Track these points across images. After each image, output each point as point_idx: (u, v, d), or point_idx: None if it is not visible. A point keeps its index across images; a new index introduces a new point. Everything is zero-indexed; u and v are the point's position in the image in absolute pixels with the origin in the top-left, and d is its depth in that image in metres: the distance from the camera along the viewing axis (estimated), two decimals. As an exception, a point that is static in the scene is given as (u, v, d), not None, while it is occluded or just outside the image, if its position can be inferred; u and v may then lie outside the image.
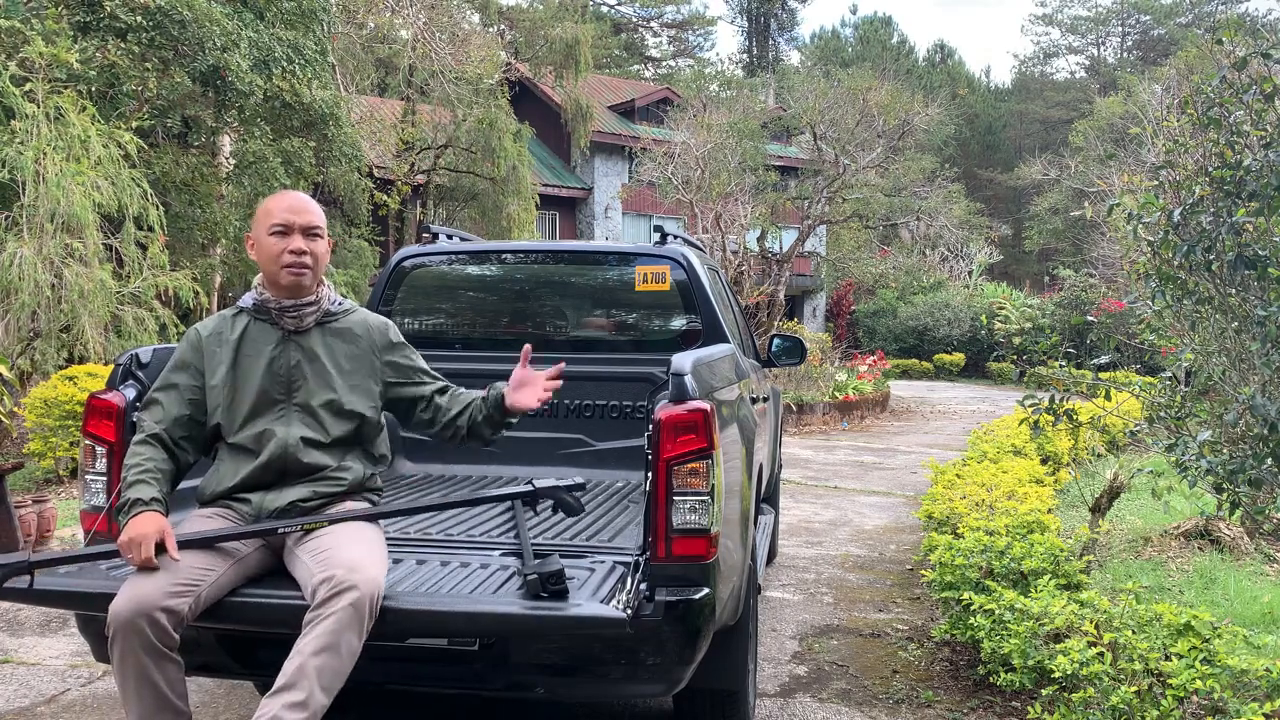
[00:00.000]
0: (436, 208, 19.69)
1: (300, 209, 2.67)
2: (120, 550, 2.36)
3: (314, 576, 2.30)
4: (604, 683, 2.59)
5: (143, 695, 2.26)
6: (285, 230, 2.63)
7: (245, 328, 2.70)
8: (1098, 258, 23.22)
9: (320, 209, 2.74)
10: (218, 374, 2.65)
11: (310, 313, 2.69)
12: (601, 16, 40.97)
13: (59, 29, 8.93)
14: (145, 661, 2.25)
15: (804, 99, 19.59)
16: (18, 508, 5.52)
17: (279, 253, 2.62)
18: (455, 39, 19.41)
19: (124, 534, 2.36)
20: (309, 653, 2.20)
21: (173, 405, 2.62)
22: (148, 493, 2.43)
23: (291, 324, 2.68)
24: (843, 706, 3.67)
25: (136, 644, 2.23)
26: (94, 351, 7.99)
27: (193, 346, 2.69)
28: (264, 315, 2.70)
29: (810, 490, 8.75)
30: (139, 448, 2.55)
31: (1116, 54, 51.27)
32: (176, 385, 2.65)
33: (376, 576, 2.30)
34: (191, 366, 2.67)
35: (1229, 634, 3.01)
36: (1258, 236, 4.09)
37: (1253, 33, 4.70)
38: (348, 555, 2.33)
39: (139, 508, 2.39)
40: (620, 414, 4.08)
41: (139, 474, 2.47)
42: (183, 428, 2.62)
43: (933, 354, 26.93)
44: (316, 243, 2.67)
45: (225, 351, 2.67)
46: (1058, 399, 4.59)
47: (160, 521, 2.38)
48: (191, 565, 2.35)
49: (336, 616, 2.21)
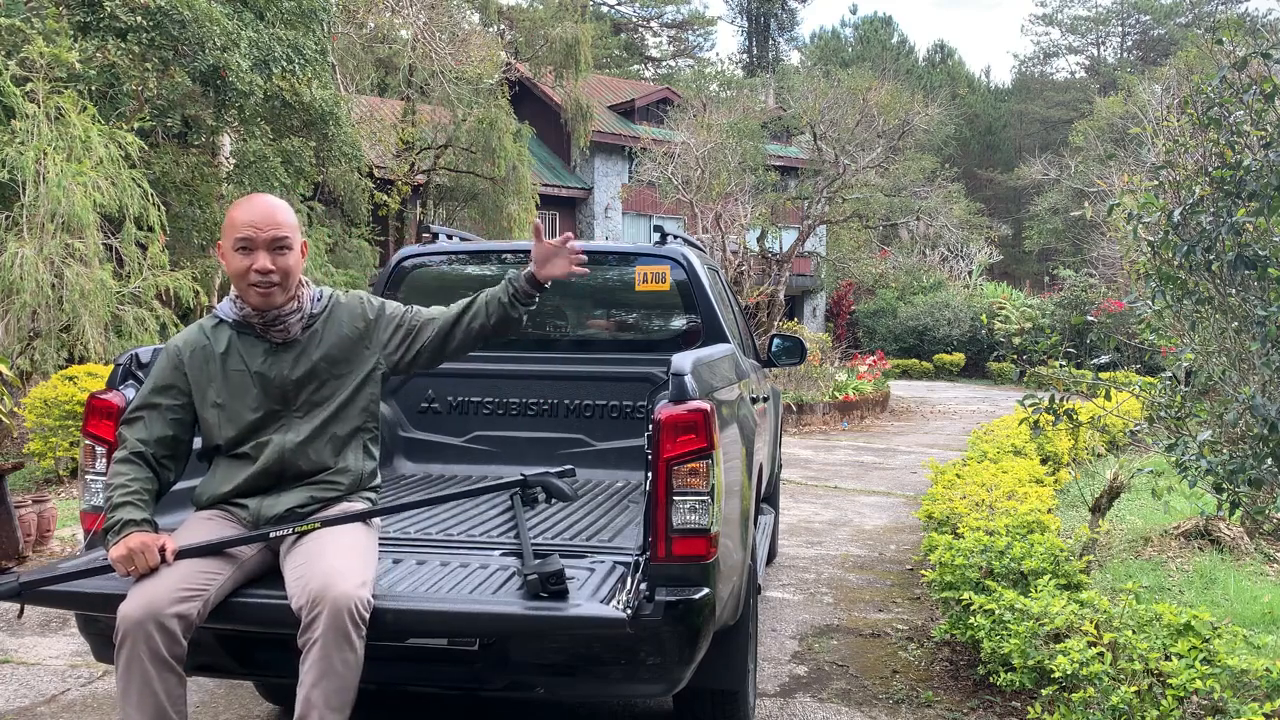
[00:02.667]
0: (436, 208, 19.68)
1: (264, 222, 2.50)
2: (114, 565, 2.34)
3: (292, 600, 2.30)
4: (604, 683, 2.59)
5: (143, 706, 2.25)
6: (249, 246, 2.50)
7: (230, 342, 2.61)
8: (1098, 258, 23.22)
9: (290, 215, 2.58)
10: (208, 395, 2.58)
11: (296, 321, 2.61)
12: (601, 16, 40.97)
13: (59, 29, 8.94)
14: (150, 671, 2.24)
15: (804, 99, 19.60)
16: (18, 508, 5.52)
17: (245, 270, 2.50)
18: (455, 39, 19.41)
19: (118, 549, 2.34)
20: (309, 684, 2.22)
21: (155, 425, 2.55)
22: (138, 514, 2.41)
23: (279, 336, 2.60)
24: (843, 706, 3.67)
25: (144, 651, 2.23)
26: (94, 351, 7.99)
27: (174, 366, 2.59)
28: (248, 330, 2.61)
29: (810, 490, 8.75)
30: (122, 466, 2.50)
31: (1116, 54, 51.27)
32: (158, 405, 2.56)
33: (348, 589, 2.25)
34: (174, 388, 2.58)
35: (1229, 634, 3.01)
36: (1258, 236, 4.09)
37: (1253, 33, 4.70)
38: (322, 569, 2.30)
39: (130, 528, 2.37)
40: (620, 414, 4.08)
41: (125, 495, 2.44)
42: (166, 447, 2.56)
43: (933, 354, 26.92)
44: (284, 256, 2.52)
45: (213, 369, 2.58)
46: (1058, 399, 4.58)
47: (158, 535, 2.39)
48: (198, 570, 2.35)
49: (321, 640, 2.22)
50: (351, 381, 2.67)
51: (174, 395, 2.59)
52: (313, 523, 2.48)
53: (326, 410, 2.63)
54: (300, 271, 2.62)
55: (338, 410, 2.65)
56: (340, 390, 2.65)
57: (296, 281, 2.61)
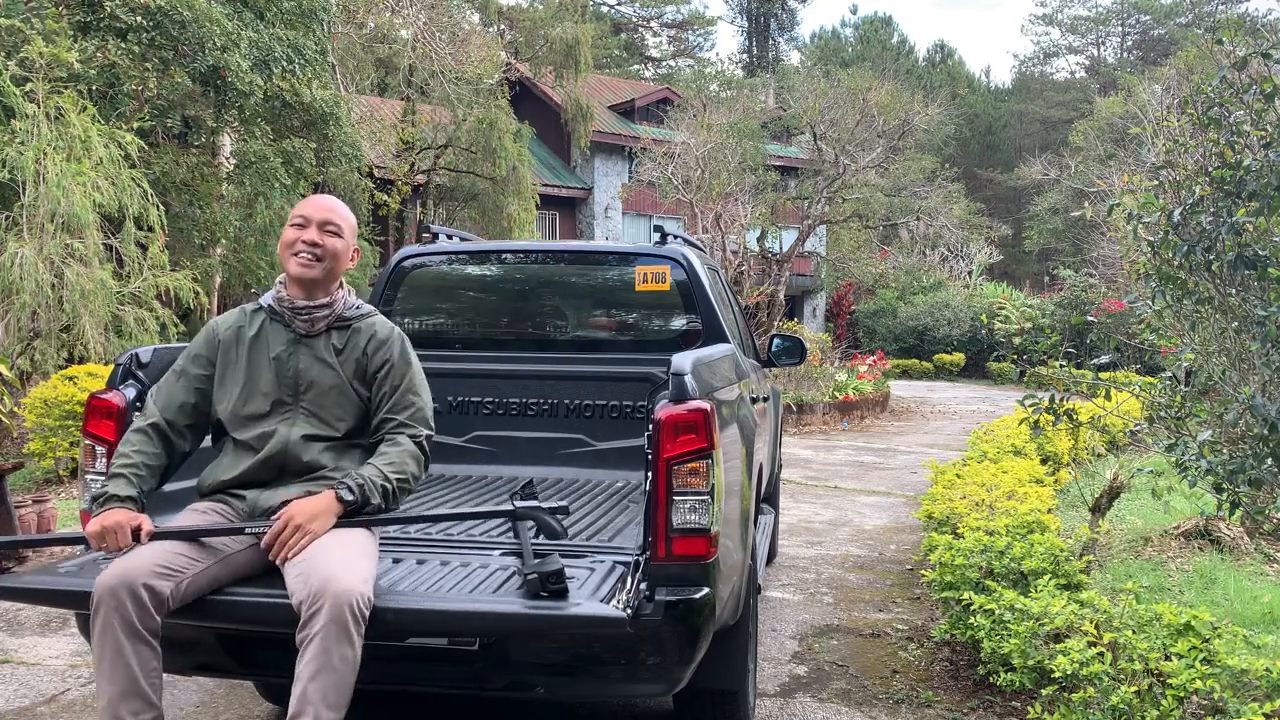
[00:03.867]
0: (436, 208, 19.69)
1: (324, 207, 2.70)
2: (89, 540, 2.39)
3: (293, 596, 2.31)
4: (604, 682, 2.59)
5: (115, 676, 2.26)
6: (303, 224, 2.67)
7: (261, 326, 2.72)
8: (1098, 258, 23.22)
9: (350, 217, 2.76)
10: (229, 372, 2.68)
11: (323, 316, 2.69)
12: (601, 16, 40.98)
13: (59, 28, 8.93)
14: (122, 640, 2.25)
15: (804, 99, 19.60)
16: (18, 508, 5.53)
17: (293, 240, 2.66)
18: (455, 39, 19.41)
19: (94, 523, 2.39)
20: (306, 679, 2.22)
21: (178, 392, 2.66)
22: (125, 490, 2.46)
23: (303, 327, 2.69)
24: (843, 706, 3.67)
25: (116, 620, 2.25)
26: (94, 351, 7.99)
27: (209, 340, 2.72)
28: (278, 316, 2.71)
29: (810, 490, 8.75)
30: (133, 436, 2.59)
31: (1116, 54, 51.28)
32: (187, 372, 2.69)
33: (350, 585, 2.26)
34: (204, 358, 2.70)
35: (1229, 634, 3.01)
36: (1258, 236, 4.09)
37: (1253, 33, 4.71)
38: (322, 567, 2.31)
39: (113, 503, 2.43)
40: (620, 414, 4.08)
41: (121, 467, 2.51)
42: (186, 415, 2.65)
43: (933, 354, 26.92)
44: (332, 239, 2.68)
45: (241, 349, 2.70)
46: (1058, 399, 4.59)
47: (134, 514, 2.42)
48: (178, 552, 2.37)
49: (320, 635, 2.22)
50: (355, 397, 2.71)
51: (202, 365, 2.70)
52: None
53: (330, 415, 2.67)
54: (344, 267, 2.74)
55: (340, 417, 2.68)
56: (344, 401, 2.69)
57: (338, 274, 2.73)
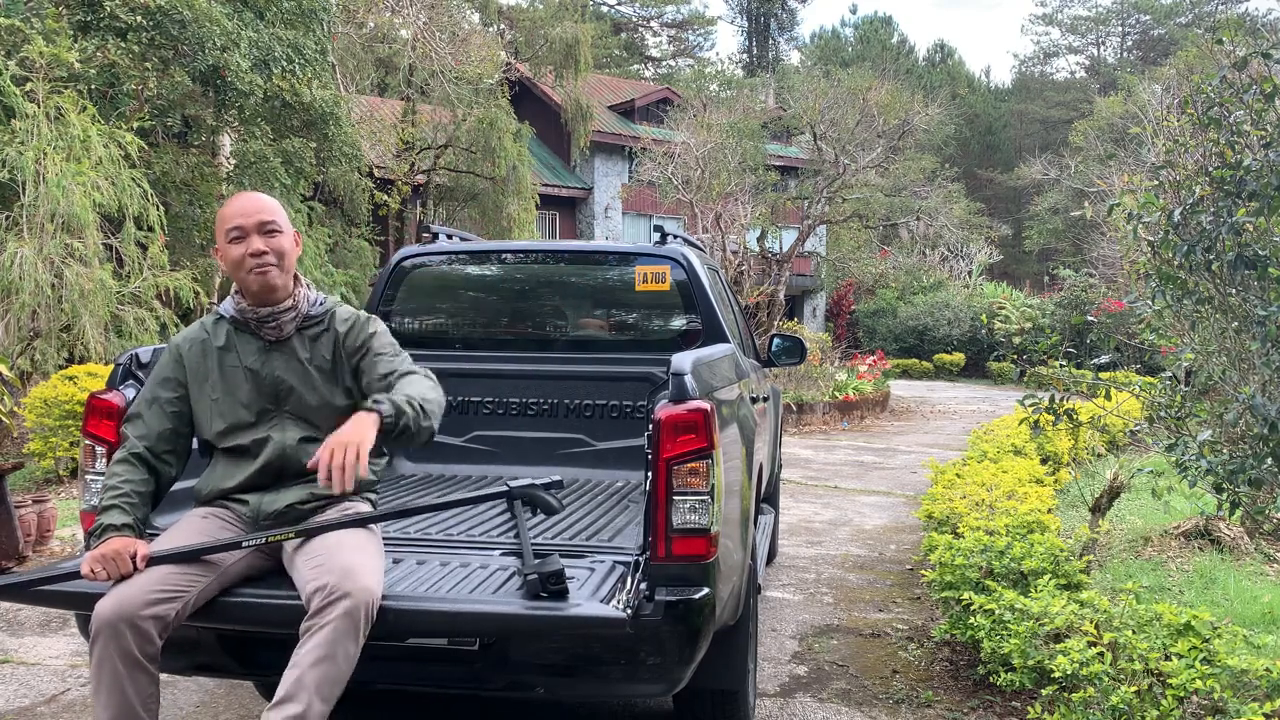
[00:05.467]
0: (436, 208, 19.68)
1: (251, 210, 2.59)
2: (85, 570, 2.34)
3: (308, 584, 2.30)
4: (604, 682, 2.59)
5: (110, 705, 2.26)
6: (241, 234, 2.57)
7: (227, 336, 2.66)
8: (1098, 258, 23.21)
9: (276, 204, 2.66)
10: (204, 388, 2.63)
11: (289, 320, 2.64)
12: (601, 16, 40.98)
13: (59, 28, 8.94)
14: (120, 670, 2.25)
15: (804, 99, 19.59)
16: (18, 508, 5.52)
17: (240, 257, 2.56)
18: (455, 39, 19.40)
19: (92, 554, 2.36)
20: (306, 664, 2.21)
21: (155, 420, 2.60)
22: (120, 519, 2.43)
23: (272, 334, 2.64)
24: (843, 706, 3.67)
25: (115, 650, 2.24)
26: (94, 351, 7.99)
27: (174, 361, 2.66)
28: (244, 327, 2.66)
29: (810, 490, 8.75)
30: (117, 468, 2.54)
31: (1116, 54, 51.28)
32: (159, 398, 2.62)
33: (370, 584, 2.28)
34: (173, 380, 2.64)
35: (1229, 634, 3.01)
36: (1258, 236, 4.09)
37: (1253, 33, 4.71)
38: (342, 562, 2.31)
39: (110, 533, 2.40)
40: (620, 414, 4.08)
41: (113, 498, 2.48)
42: (166, 442, 2.60)
43: (933, 354, 26.92)
44: (276, 238, 2.59)
45: (210, 363, 2.64)
46: (1058, 399, 4.59)
47: (131, 540, 2.39)
48: (178, 572, 2.35)
49: (332, 626, 2.21)
50: (339, 391, 2.68)
51: (173, 388, 2.64)
52: (287, 533, 2.48)
53: (318, 415, 2.64)
54: (295, 257, 2.67)
55: (330, 416, 2.64)
56: (331, 398, 2.66)
57: (293, 268, 2.66)
